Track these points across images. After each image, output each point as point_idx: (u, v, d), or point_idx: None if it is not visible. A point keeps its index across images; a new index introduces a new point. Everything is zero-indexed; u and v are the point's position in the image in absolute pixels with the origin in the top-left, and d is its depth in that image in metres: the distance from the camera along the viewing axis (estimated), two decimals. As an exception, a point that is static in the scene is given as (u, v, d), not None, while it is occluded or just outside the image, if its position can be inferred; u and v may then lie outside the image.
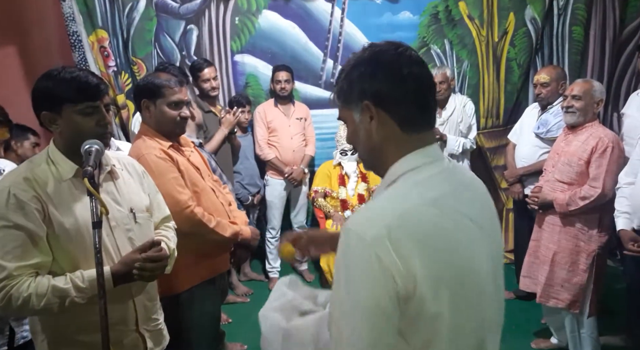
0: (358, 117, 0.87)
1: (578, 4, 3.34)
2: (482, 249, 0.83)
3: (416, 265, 0.75)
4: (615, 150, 2.21)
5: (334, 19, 3.45)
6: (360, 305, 0.76)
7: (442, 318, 0.77)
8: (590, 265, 2.25)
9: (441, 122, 3.25)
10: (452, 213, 0.82)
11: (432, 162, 0.85)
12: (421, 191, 0.82)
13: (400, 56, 0.85)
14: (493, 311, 0.86)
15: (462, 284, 0.79)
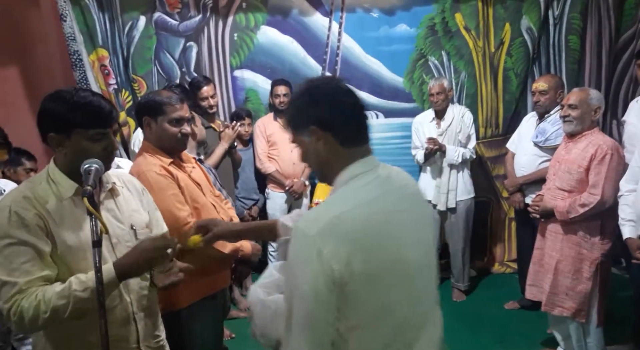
0: (307, 139, 1.06)
1: (573, 14, 3.37)
2: (412, 235, 1.04)
3: (351, 256, 0.92)
4: (615, 157, 2.21)
5: (332, 33, 3.49)
6: (303, 289, 0.94)
7: (375, 299, 0.96)
8: (594, 273, 2.24)
9: (440, 133, 3.26)
10: (383, 210, 1.01)
11: (369, 171, 1.04)
12: (358, 195, 1.01)
13: (336, 88, 1.06)
14: (425, 288, 1.06)
15: (391, 269, 0.98)
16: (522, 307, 3.09)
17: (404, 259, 1.00)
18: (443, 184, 3.27)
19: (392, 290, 0.98)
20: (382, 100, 3.64)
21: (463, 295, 3.37)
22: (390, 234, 1.00)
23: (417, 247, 1.04)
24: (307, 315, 0.95)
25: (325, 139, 1.04)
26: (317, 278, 0.92)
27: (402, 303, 1.00)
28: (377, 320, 0.98)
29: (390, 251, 0.99)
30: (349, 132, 1.04)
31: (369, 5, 3.45)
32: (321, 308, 0.94)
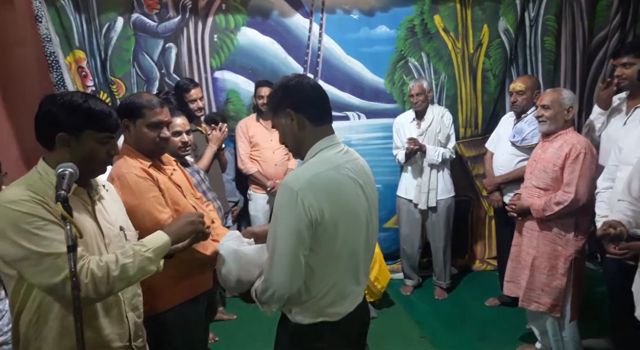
0: (284, 121, 1.38)
1: (548, 15, 3.44)
2: (361, 198, 1.38)
3: (323, 204, 1.28)
4: (588, 157, 2.26)
5: (313, 35, 3.50)
6: (287, 228, 1.28)
7: (336, 237, 1.32)
8: (568, 269, 2.30)
9: (420, 133, 3.30)
10: (345, 175, 1.35)
11: (334, 145, 1.39)
12: (327, 162, 1.35)
13: (305, 81, 1.39)
14: (367, 236, 1.42)
15: (348, 217, 1.34)
16: (502, 303, 3.14)
17: (357, 210, 1.37)
18: (424, 184, 3.31)
19: (349, 231, 1.35)
20: (363, 101, 3.67)
21: (445, 293, 3.42)
22: (348, 191, 1.35)
23: (365, 203, 1.40)
24: (290, 249, 1.28)
25: (298, 119, 1.36)
26: (299, 221, 1.26)
27: (355, 240, 1.38)
28: (338, 253, 1.35)
29: (348, 204, 1.34)
30: (317, 113, 1.38)
31: (349, 6, 3.47)
32: (300, 244, 1.28)
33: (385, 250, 3.76)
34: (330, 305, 1.37)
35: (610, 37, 3.40)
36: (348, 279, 1.39)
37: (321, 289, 1.35)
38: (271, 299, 1.34)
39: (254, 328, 2.98)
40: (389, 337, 2.91)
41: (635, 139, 2.11)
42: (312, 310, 1.37)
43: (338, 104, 3.65)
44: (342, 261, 1.36)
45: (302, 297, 1.36)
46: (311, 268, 1.33)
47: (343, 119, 3.68)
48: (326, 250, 1.32)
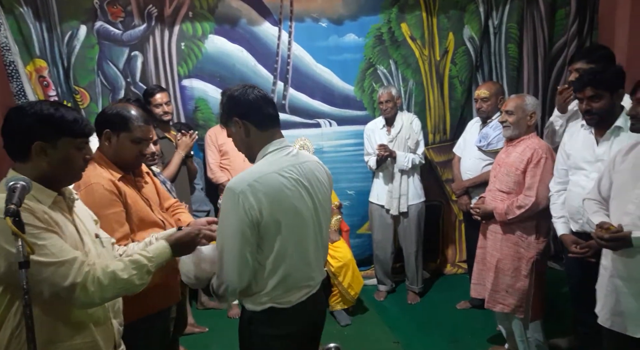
0: (234, 129, 1.49)
1: (511, 23, 3.55)
2: (305, 199, 1.48)
3: (263, 205, 1.37)
4: (549, 161, 2.33)
5: (282, 42, 3.50)
6: (232, 229, 1.38)
7: (279, 235, 1.42)
8: (530, 271, 2.35)
9: (390, 139, 3.33)
10: (288, 177, 1.44)
11: (280, 149, 1.48)
12: (272, 165, 1.44)
13: (247, 90, 1.48)
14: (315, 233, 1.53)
15: (291, 217, 1.44)
16: (473, 306, 3.19)
17: (299, 210, 1.46)
18: (395, 189, 3.34)
19: (293, 229, 1.45)
20: (334, 109, 3.69)
21: (417, 297, 3.45)
22: (290, 192, 1.44)
23: (310, 203, 1.50)
24: (236, 248, 1.39)
25: (245, 126, 1.46)
26: (241, 222, 1.37)
27: (301, 238, 1.49)
28: (283, 249, 1.44)
29: (290, 204, 1.44)
30: (262, 119, 1.48)
31: (317, 15, 3.49)
32: (245, 243, 1.39)
33: (359, 257, 3.77)
34: (280, 296, 1.49)
35: (569, 44, 3.53)
36: (298, 273, 1.50)
37: (270, 283, 1.46)
38: (225, 293, 1.46)
39: (227, 340, 2.93)
40: (363, 343, 2.91)
41: (580, 144, 2.19)
42: (262, 300, 1.49)
43: (309, 111, 3.66)
44: (290, 257, 1.46)
45: (253, 289, 1.48)
46: (260, 263, 1.45)
47: (314, 127, 3.69)
48: (271, 248, 1.44)
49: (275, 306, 1.48)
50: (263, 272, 1.45)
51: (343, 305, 3.19)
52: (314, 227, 1.52)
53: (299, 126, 3.64)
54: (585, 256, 2.06)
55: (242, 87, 1.49)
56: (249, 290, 1.47)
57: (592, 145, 2.13)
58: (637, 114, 1.76)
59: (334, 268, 3.12)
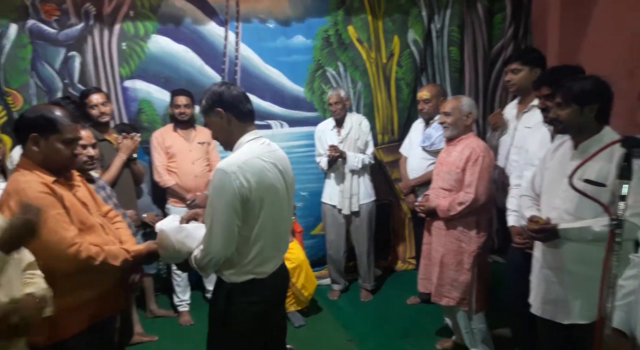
0: (215, 119, 1.70)
1: (452, 27, 3.70)
2: (281, 180, 1.71)
3: (251, 184, 1.59)
4: (486, 159, 2.45)
5: (229, 43, 3.46)
6: (224, 205, 1.59)
7: (262, 210, 1.65)
8: (472, 264, 2.46)
9: (340, 140, 3.37)
10: (268, 162, 1.67)
11: (257, 138, 1.72)
12: (254, 151, 1.66)
13: (230, 86, 1.73)
14: (286, 210, 1.78)
15: (271, 195, 1.66)
16: (422, 301, 3.28)
17: (277, 189, 1.70)
18: (346, 189, 3.39)
19: (272, 206, 1.68)
20: (285, 110, 3.69)
21: (370, 295, 3.51)
22: (270, 174, 1.66)
23: (284, 184, 1.73)
24: (226, 222, 1.60)
25: (227, 116, 1.68)
26: (233, 197, 1.58)
27: (277, 214, 1.71)
28: (264, 224, 1.66)
29: (271, 184, 1.66)
30: (241, 112, 1.70)
31: (265, 16, 3.48)
32: (233, 216, 1.60)
33: (313, 257, 3.79)
34: (257, 266, 1.69)
35: (506, 47, 3.73)
36: (272, 245, 1.72)
37: (250, 254, 1.67)
38: (209, 264, 1.66)
39: (178, 348, 2.86)
40: (317, 343, 2.93)
41: (537, 141, 2.32)
42: (243, 271, 1.68)
43: (260, 112, 3.63)
44: (267, 230, 1.68)
45: (234, 260, 1.67)
46: (242, 236, 1.65)
47: (265, 128, 3.67)
48: (255, 221, 1.65)
49: (255, 277, 1.69)
50: (246, 244, 1.66)
51: (297, 306, 3.19)
52: (286, 204, 1.78)
53: (249, 128, 3.60)
54: (526, 247, 2.17)
55: (225, 84, 1.74)
56: (231, 262, 1.67)
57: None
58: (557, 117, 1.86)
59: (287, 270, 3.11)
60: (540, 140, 2.31)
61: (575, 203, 1.81)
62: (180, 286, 3.27)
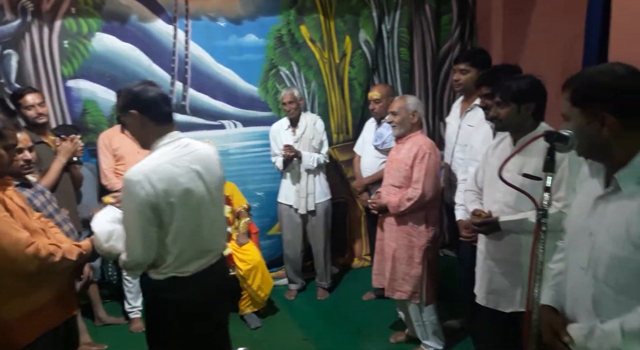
0: (130, 120, 1.67)
1: (402, 28, 3.78)
2: (198, 183, 1.70)
3: (159, 191, 1.59)
4: (432, 156, 2.52)
5: (178, 41, 3.38)
6: (134, 213, 1.60)
7: (175, 215, 1.64)
8: (423, 258, 2.53)
9: (295, 140, 3.38)
10: (182, 166, 1.66)
11: (173, 141, 1.69)
12: (166, 155, 1.65)
13: (147, 86, 1.67)
14: (209, 213, 1.76)
15: (185, 200, 1.66)
16: (378, 296, 3.34)
17: (192, 193, 1.68)
18: (302, 189, 3.39)
19: (188, 211, 1.67)
20: (238, 109, 3.65)
21: (327, 293, 3.54)
22: (184, 179, 1.65)
23: (203, 186, 1.72)
24: (140, 229, 1.61)
25: (142, 119, 1.65)
26: (142, 206, 1.58)
27: (195, 218, 1.70)
28: (180, 229, 1.66)
29: (183, 190, 1.65)
30: (157, 114, 1.66)
31: (215, 14, 3.42)
32: (147, 223, 1.61)
33: (270, 258, 3.77)
34: (179, 267, 1.70)
35: (454, 48, 3.86)
36: (193, 248, 1.72)
37: (169, 257, 1.68)
38: (134, 268, 1.70)
39: (128, 356, 2.78)
40: (273, 344, 2.92)
41: (481, 138, 2.41)
42: (164, 271, 1.70)
43: (212, 112, 3.58)
44: (185, 234, 1.68)
45: (157, 262, 1.69)
46: (161, 241, 1.66)
47: (218, 128, 3.61)
48: (168, 227, 1.65)
49: (176, 275, 1.70)
50: (163, 247, 1.67)
51: (253, 308, 3.17)
52: (209, 205, 1.75)
53: (201, 128, 3.54)
54: (472, 240, 2.26)
55: (142, 84, 1.67)
56: (154, 263, 1.69)
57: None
58: (497, 116, 1.95)
59: (242, 271, 3.08)
60: (483, 137, 2.41)
61: (514, 196, 1.89)
62: (132, 292, 3.16)
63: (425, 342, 2.66)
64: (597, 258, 1.19)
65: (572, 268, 1.31)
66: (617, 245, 1.13)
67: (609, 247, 1.15)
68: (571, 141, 1.23)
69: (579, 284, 1.25)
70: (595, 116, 1.15)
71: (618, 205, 1.15)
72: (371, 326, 3.04)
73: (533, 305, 1.24)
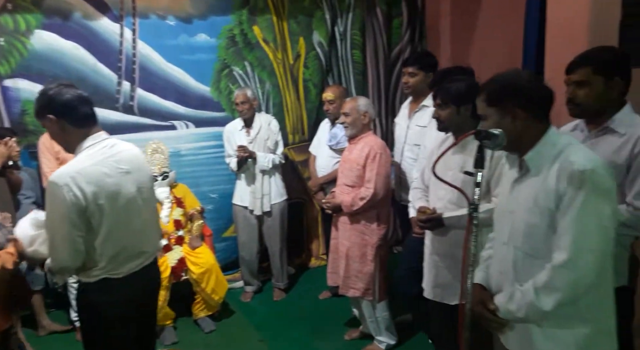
0: (49, 126, 1.64)
1: (354, 31, 3.84)
2: (127, 184, 1.69)
3: (87, 194, 1.56)
4: (383, 156, 2.58)
5: (125, 40, 3.28)
6: (59, 217, 1.55)
7: (104, 218, 1.62)
8: (375, 256, 2.58)
9: (250, 140, 3.36)
10: (109, 167, 1.64)
11: (97, 143, 1.66)
12: (91, 158, 1.63)
13: (62, 90, 1.62)
14: (140, 214, 1.74)
15: (113, 202, 1.63)
16: (333, 294, 3.37)
17: (122, 195, 1.66)
18: (257, 190, 3.37)
19: (117, 213, 1.65)
20: (190, 110, 3.58)
21: (283, 293, 3.53)
22: (112, 180, 1.63)
23: (133, 187, 1.71)
24: (65, 234, 1.56)
25: (60, 123, 1.61)
26: (68, 210, 1.54)
27: (125, 220, 1.68)
28: (109, 232, 1.63)
29: (112, 192, 1.63)
30: (76, 117, 1.62)
31: (164, 12, 3.35)
32: (74, 228, 1.57)
33: (226, 260, 3.73)
34: (111, 269, 1.68)
35: (405, 51, 3.95)
36: (126, 250, 1.71)
37: (100, 260, 1.65)
38: (61, 273, 1.70)
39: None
40: (228, 347, 2.89)
41: (434, 138, 2.47)
42: (95, 273, 1.67)
43: (162, 112, 3.50)
44: (117, 237, 1.66)
45: (86, 266, 1.66)
46: (90, 245, 1.62)
47: (169, 129, 3.54)
48: (99, 230, 1.62)
49: (107, 277, 1.68)
50: (93, 251, 1.63)
51: (207, 311, 3.12)
52: (140, 206, 1.73)
53: (151, 129, 3.45)
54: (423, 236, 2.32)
55: (58, 87, 1.61)
56: (83, 267, 1.65)
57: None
58: (439, 117, 2.03)
59: (195, 275, 3.03)
60: (435, 137, 2.48)
61: (456, 193, 1.96)
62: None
63: (379, 338, 2.71)
64: (516, 230, 1.38)
65: (496, 246, 1.49)
66: (529, 215, 1.33)
67: (524, 218, 1.35)
68: (500, 138, 1.31)
69: (502, 258, 1.44)
70: (508, 111, 1.34)
71: (528, 183, 1.36)
72: (326, 324, 3.07)
73: (466, 296, 1.30)
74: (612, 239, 1.26)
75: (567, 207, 1.24)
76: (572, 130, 1.85)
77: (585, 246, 1.23)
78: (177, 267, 3.04)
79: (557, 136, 1.36)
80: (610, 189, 1.26)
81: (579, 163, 1.24)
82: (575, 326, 1.31)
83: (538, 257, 1.32)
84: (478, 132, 1.31)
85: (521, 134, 1.35)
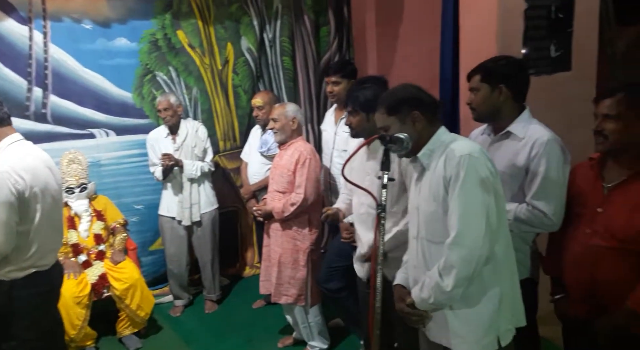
0: None
1: (284, 38, 3.85)
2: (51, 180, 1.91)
3: (25, 182, 1.74)
4: (312, 162, 2.60)
5: (35, 44, 3.05)
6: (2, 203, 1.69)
7: (38, 204, 1.80)
8: (307, 261, 2.59)
9: (176, 148, 3.24)
10: (37, 159, 1.86)
11: (19, 140, 1.86)
12: (22, 152, 1.83)
13: None
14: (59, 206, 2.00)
15: (43, 195, 1.82)
16: (268, 303, 3.33)
17: (49, 189, 1.86)
18: (185, 199, 3.26)
19: (46, 206, 1.82)
20: (110, 117, 3.40)
21: (215, 305, 3.43)
22: (42, 174, 1.84)
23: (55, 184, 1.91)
24: (5, 218, 1.70)
25: None
26: (9, 195, 1.70)
27: (52, 213, 1.87)
28: (39, 222, 1.80)
29: (44, 180, 1.83)
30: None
31: (79, 15, 3.16)
32: (11, 213, 1.71)
33: (155, 274, 3.57)
34: (38, 260, 1.84)
35: (333, 58, 4.02)
36: (51, 238, 1.90)
37: (31, 248, 1.80)
38: None
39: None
40: (155, 366, 2.75)
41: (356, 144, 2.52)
42: (24, 266, 1.80)
43: (78, 120, 3.29)
44: (44, 228, 1.83)
45: (12, 258, 1.76)
46: (21, 232, 1.76)
47: (87, 138, 3.33)
48: (34, 217, 1.79)
49: (37, 270, 1.83)
50: (26, 238, 1.78)
51: (133, 328, 2.96)
52: (59, 202, 1.95)
53: (66, 138, 3.23)
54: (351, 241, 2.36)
55: None
56: (8, 260, 1.76)
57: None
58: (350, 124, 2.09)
59: (119, 291, 2.86)
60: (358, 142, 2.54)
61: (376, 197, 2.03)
62: None
63: (311, 343, 2.71)
64: (421, 222, 1.51)
65: (410, 242, 1.59)
66: (428, 204, 1.47)
67: (424, 208, 1.49)
68: (406, 142, 1.37)
69: (414, 252, 1.55)
70: (407, 117, 1.49)
71: (425, 178, 1.51)
72: (260, 333, 3.02)
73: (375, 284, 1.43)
74: (496, 216, 1.38)
75: (452, 189, 1.38)
76: (482, 134, 1.98)
77: (471, 221, 1.35)
78: (98, 284, 2.86)
79: (445, 134, 1.51)
80: (485, 178, 1.38)
81: (458, 150, 1.41)
82: (481, 302, 1.41)
83: (440, 242, 1.43)
84: (382, 137, 1.37)
85: (421, 135, 1.49)
